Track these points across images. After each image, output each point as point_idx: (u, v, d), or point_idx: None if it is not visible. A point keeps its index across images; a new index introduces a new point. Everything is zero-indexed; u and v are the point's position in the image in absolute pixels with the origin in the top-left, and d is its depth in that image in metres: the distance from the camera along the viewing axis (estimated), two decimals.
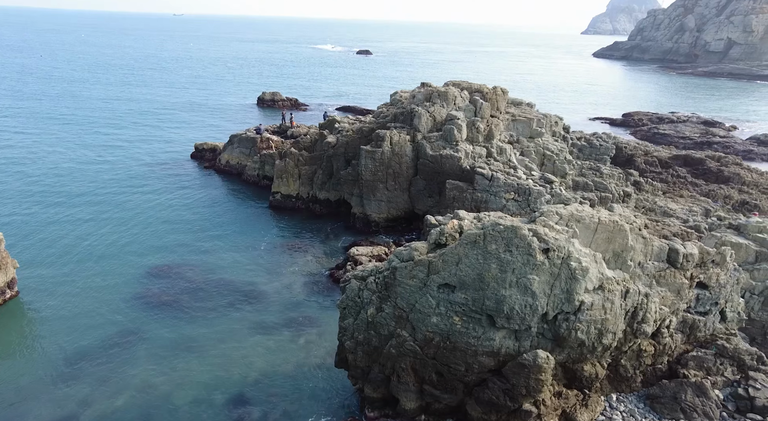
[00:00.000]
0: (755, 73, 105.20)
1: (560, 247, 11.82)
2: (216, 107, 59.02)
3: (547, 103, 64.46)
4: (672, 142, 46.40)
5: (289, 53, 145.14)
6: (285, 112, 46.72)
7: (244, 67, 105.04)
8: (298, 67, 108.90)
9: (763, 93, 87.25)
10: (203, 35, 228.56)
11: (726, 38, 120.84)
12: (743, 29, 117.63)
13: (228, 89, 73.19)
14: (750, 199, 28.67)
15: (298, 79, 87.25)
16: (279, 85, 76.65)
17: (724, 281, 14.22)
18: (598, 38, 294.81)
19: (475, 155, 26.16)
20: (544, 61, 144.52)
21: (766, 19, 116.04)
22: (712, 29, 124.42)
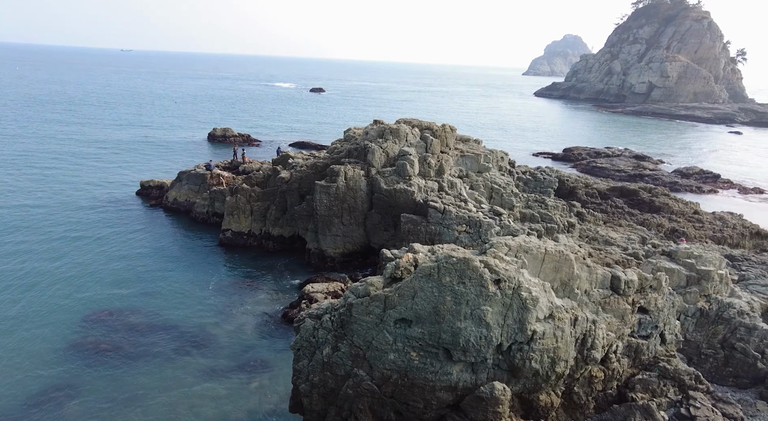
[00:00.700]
0: (674, 112, 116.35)
1: (511, 277, 12.15)
2: (163, 144, 57.35)
3: (493, 140, 67.77)
4: (609, 174, 49.78)
5: (242, 90, 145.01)
6: (237, 147, 46.14)
7: (194, 103, 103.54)
8: (250, 103, 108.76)
9: (682, 130, 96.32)
10: (152, 71, 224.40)
11: (647, 82, 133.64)
12: (661, 74, 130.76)
13: (177, 125, 71.56)
14: (678, 227, 30.98)
15: (250, 115, 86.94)
16: (231, 121, 75.96)
17: (662, 305, 15.06)
18: (537, 79, 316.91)
19: (428, 189, 26.78)
20: (489, 100, 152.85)
21: (679, 67, 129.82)
22: (636, 73, 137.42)
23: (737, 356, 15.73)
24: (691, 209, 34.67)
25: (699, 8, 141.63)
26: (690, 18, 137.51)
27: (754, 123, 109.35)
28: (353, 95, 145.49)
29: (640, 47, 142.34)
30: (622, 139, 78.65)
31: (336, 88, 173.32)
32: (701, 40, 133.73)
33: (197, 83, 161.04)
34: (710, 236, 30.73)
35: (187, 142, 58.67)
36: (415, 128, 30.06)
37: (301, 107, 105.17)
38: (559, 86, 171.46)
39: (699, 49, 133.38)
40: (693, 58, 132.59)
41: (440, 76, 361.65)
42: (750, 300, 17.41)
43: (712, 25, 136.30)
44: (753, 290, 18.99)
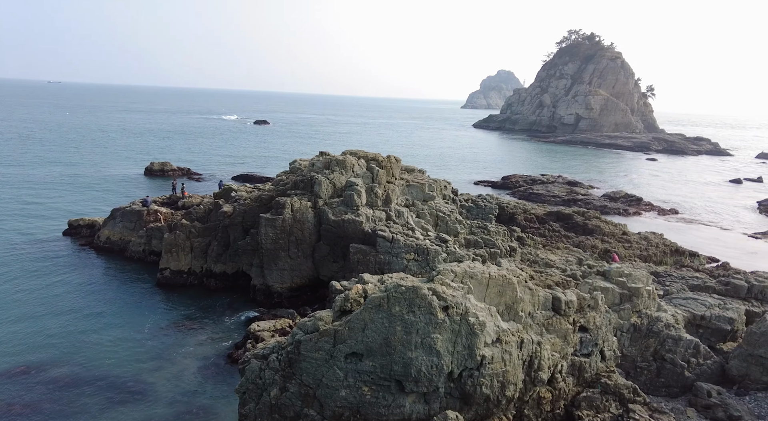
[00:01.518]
0: (599, 141, 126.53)
1: (458, 303, 12.38)
2: (95, 180, 54.00)
3: (437, 169, 70.01)
4: (545, 200, 52.69)
5: (182, 123, 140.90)
6: (176, 181, 44.36)
7: (130, 136, 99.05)
8: (191, 136, 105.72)
9: (607, 158, 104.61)
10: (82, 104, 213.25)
11: (575, 113, 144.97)
12: (586, 107, 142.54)
13: (110, 160, 67.85)
14: (610, 248, 33.14)
15: (191, 149, 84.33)
16: (170, 154, 73.24)
17: (600, 323, 15.88)
18: (475, 112, 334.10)
19: (376, 219, 27.00)
20: (431, 132, 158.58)
21: (600, 100, 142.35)
22: (564, 106, 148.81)
23: (667, 366, 16.78)
24: (620, 230, 37.29)
25: (612, 49, 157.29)
26: (606, 57, 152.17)
27: (665, 151, 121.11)
28: (298, 127, 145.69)
29: (566, 82, 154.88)
30: (555, 166, 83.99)
31: (281, 120, 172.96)
32: (617, 77, 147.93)
33: (133, 117, 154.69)
34: (638, 255, 33.10)
35: (121, 178, 55.63)
36: (362, 160, 30.51)
37: (244, 140, 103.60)
38: (496, 118, 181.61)
39: (616, 85, 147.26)
40: (611, 92, 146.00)
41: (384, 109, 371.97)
42: (674, 313, 18.78)
43: (625, 64, 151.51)
44: (676, 304, 20.52)
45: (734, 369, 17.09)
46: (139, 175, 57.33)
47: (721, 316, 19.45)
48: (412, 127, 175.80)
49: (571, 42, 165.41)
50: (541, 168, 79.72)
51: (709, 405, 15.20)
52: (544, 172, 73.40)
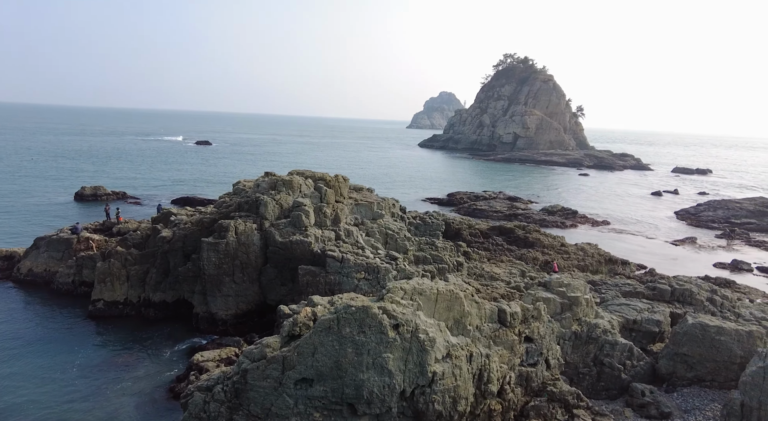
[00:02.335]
0: (536, 158, 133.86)
1: (408, 321, 12.46)
2: (16, 207, 49.58)
3: (384, 188, 70.85)
4: (488, 215, 54.66)
5: (118, 144, 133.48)
6: (109, 206, 41.71)
7: (58, 159, 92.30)
8: (127, 158, 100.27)
9: (544, 174, 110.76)
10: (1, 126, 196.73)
11: (513, 132, 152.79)
12: (522, 126, 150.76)
13: (33, 185, 62.70)
14: (550, 259, 34.83)
15: (127, 171, 79.86)
16: (104, 178, 68.93)
17: (544, 333, 16.56)
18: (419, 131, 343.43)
19: (325, 239, 26.74)
20: (378, 151, 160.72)
21: (536, 120, 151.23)
22: (502, 126, 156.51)
23: (606, 370, 17.73)
24: (558, 242, 39.32)
25: (545, 72, 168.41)
26: (539, 79, 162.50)
27: (596, 166, 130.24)
28: (242, 148, 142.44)
29: (503, 103, 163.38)
30: (496, 183, 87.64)
31: (224, 141, 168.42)
32: (550, 98, 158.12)
33: (61, 139, 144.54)
34: (575, 265, 35.01)
35: (47, 204, 51.45)
36: (309, 179, 30.29)
37: (185, 161, 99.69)
38: (439, 138, 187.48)
39: (549, 105, 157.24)
40: (545, 112, 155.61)
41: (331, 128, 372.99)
42: (610, 319, 19.96)
43: (556, 86, 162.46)
44: (611, 310, 21.85)
45: (663, 368, 18.35)
46: (68, 201, 53.32)
47: (650, 319, 20.91)
48: (360, 147, 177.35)
49: (507, 65, 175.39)
50: (484, 185, 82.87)
51: (643, 404, 16.17)
52: (486, 188, 76.28)
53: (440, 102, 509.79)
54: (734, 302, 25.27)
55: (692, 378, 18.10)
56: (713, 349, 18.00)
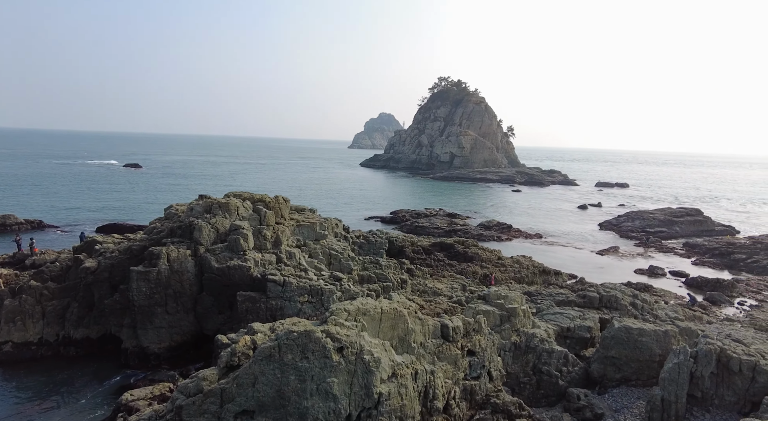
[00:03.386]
0: (472, 176, 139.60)
1: (353, 343, 12.32)
2: None
3: (327, 208, 70.42)
4: (429, 232, 55.87)
5: (33, 169, 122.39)
6: (20, 237, 37.90)
7: None
8: (44, 183, 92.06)
9: (479, 190, 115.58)
10: None
11: (449, 152, 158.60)
12: (458, 146, 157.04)
13: None
14: (488, 272, 36.10)
15: (44, 198, 73.22)
16: (14, 206, 62.67)
17: (485, 345, 17.01)
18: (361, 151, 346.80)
19: (265, 263, 25.95)
20: (320, 171, 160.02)
21: (470, 140, 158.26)
22: (439, 145, 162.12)
23: (545, 378, 18.49)
24: (495, 256, 40.93)
25: (477, 94, 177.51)
26: (472, 102, 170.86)
27: (527, 182, 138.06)
28: (175, 170, 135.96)
29: (440, 124, 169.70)
30: (436, 200, 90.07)
31: (155, 163, 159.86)
32: (482, 119, 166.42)
33: None
34: (512, 277, 36.53)
35: None
36: (247, 201, 29.42)
37: (112, 186, 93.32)
38: (381, 157, 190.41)
39: (482, 126, 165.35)
40: (479, 132, 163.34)
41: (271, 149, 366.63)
42: (546, 328, 20.95)
43: (488, 108, 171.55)
44: (547, 319, 22.95)
45: (595, 372, 19.46)
46: None
47: (582, 326, 22.18)
48: (301, 167, 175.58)
49: (442, 88, 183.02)
50: (425, 202, 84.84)
51: (579, 408, 17.00)
52: (427, 206, 78.12)
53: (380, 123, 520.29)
54: (652, 305, 27.50)
55: (620, 379, 19.31)
56: (637, 350, 19.38)
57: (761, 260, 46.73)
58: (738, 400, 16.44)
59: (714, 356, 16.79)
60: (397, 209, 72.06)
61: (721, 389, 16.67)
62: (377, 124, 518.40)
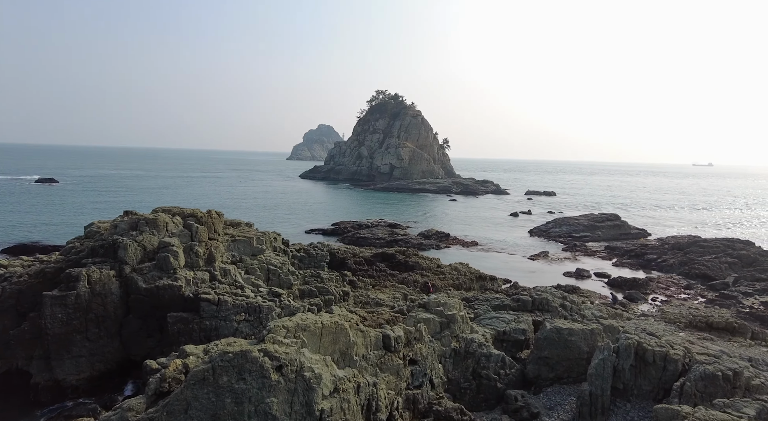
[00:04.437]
0: (411, 187, 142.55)
1: (292, 360, 11.98)
2: None
3: (266, 221, 68.52)
4: (371, 243, 56.03)
5: None
6: None
7: None
8: None
9: (418, 201, 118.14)
10: None
11: (389, 163, 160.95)
12: (397, 157, 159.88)
13: None
14: (428, 281, 36.79)
15: None
16: None
17: (426, 353, 17.25)
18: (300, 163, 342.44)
19: (198, 281, 24.66)
20: (258, 183, 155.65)
21: (409, 151, 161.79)
22: (379, 157, 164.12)
23: (484, 382, 19.05)
24: (435, 264, 41.82)
25: (414, 107, 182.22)
26: (409, 115, 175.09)
27: (463, 192, 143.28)
28: (97, 185, 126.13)
29: (379, 136, 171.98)
30: (377, 211, 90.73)
31: (73, 177, 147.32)
32: (419, 132, 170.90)
33: None
34: (451, 284, 37.49)
35: None
36: (177, 216, 27.89)
37: (21, 203, 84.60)
38: (321, 169, 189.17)
39: (419, 138, 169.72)
40: (417, 144, 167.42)
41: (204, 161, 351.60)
42: (484, 333, 21.65)
43: (425, 121, 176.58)
44: (484, 324, 23.72)
45: (530, 372, 20.35)
46: None
47: (517, 329, 23.16)
48: (237, 180, 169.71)
49: (380, 101, 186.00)
50: (366, 213, 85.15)
51: (516, 409, 17.66)
52: (368, 217, 78.44)
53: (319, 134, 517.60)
54: (580, 305, 29.36)
55: (554, 378, 20.34)
56: (567, 349, 20.54)
57: (669, 259, 51.65)
58: (653, 388, 17.90)
59: (632, 349, 18.21)
60: (339, 221, 71.67)
61: (639, 379, 18.08)
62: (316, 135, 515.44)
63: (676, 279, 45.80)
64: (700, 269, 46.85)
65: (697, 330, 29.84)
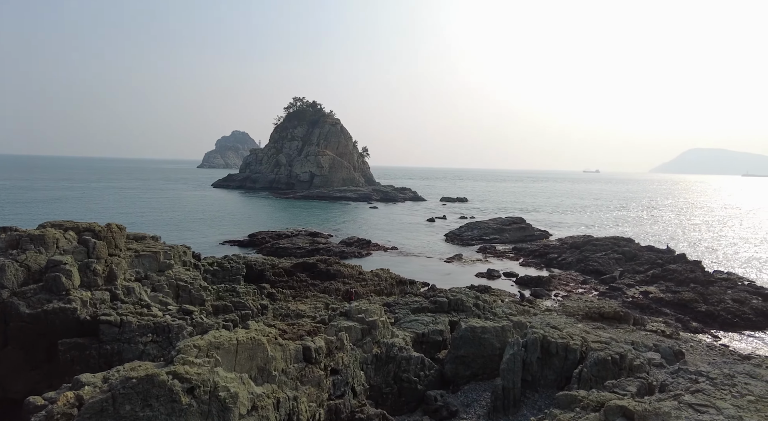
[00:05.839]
0: (332, 195, 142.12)
1: (205, 381, 11.31)
2: None
3: (175, 234, 64.13)
4: (291, 253, 54.82)
5: None
6: None
7: None
8: None
9: (340, 208, 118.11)
10: None
11: (309, 171, 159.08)
12: (317, 165, 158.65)
13: None
14: (350, 288, 36.87)
15: None
16: None
17: (348, 362, 17.23)
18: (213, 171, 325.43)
19: (96, 302, 22.33)
20: (167, 194, 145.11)
21: (329, 159, 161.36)
22: (299, 165, 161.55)
23: (405, 385, 19.49)
24: (356, 271, 42.03)
25: (332, 116, 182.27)
26: (328, 123, 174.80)
27: (383, 199, 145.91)
28: None
29: (298, 143, 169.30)
30: (297, 220, 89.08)
31: None
32: (339, 140, 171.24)
33: None
34: (373, 290, 37.92)
35: None
36: (70, 231, 25.05)
37: None
38: (236, 177, 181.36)
39: (339, 146, 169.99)
40: (336, 152, 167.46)
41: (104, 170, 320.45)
42: (404, 336, 22.18)
43: (344, 129, 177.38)
44: (405, 327, 24.32)
45: (448, 372, 21.23)
46: None
47: (435, 330, 24.05)
48: (142, 190, 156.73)
49: (298, 108, 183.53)
50: (286, 223, 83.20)
51: (436, 408, 18.30)
52: (288, 226, 76.73)
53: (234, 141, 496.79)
54: (491, 304, 31.26)
55: (470, 376, 21.40)
56: (481, 346, 21.75)
57: (567, 257, 56.98)
58: (557, 377, 19.59)
59: (539, 343, 19.78)
60: (256, 231, 69.17)
61: (545, 370, 19.68)
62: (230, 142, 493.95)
63: (574, 275, 50.63)
64: (593, 266, 52.27)
65: (591, 320, 33.21)
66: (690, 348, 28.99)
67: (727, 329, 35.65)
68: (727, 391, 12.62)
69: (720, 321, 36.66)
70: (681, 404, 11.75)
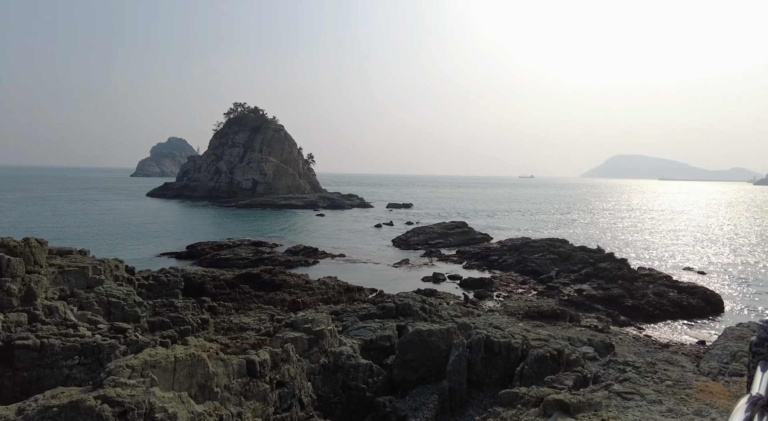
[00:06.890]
0: (276, 202, 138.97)
1: (139, 403, 10.63)
2: None
3: (106, 248, 59.92)
4: (233, 264, 52.90)
5: None
6: None
7: None
8: None
9: (285, 216, 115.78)
10: None
11: (252, 179, 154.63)
12: (260, 172, 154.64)
13: None
14: (297, 298, 36.17)
15: None
16: None
17: (295, 374, 16.88)
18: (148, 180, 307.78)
19: (11, 325, 20.30)
20: (97, 204, 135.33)
21: (272, 166, 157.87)
22: (240, 172, 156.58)
23: (354, 393, 19.38)
24: (303, 280, 41.30)
25: (275, 122, 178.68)
26: (271, 129, 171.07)
27: (330, 206, 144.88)
28: None
29: (239, 150, 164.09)
30: (240, 230, 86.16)
31: None
32: (283, 146, 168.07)
33: None
34: (320, 299, 37.42)
35: None
36: None
37: None
38: (173, 186, 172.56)
39: (283, 153, 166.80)
40: (281, 159, 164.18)
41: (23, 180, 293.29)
42: (352, 344, 22.06)
43: (288, 135, 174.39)
44: (353, 335, 24.20)
45: (396, 377, 21.37)
46: None
47: (383, 336, 24.15)
48: (66, 201, 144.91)
49: (239, 114, 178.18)
50: (227, 233, 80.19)
51: (385, 415, 18.34)
52: (230, 236, 74.00)
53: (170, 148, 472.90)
54: (437, 307, 31.89)
55: (417, 379, 21.65)
56: (428, 350, 22.10)
57: (507, 259, 59.45)
58: (500, 376, 20.31)
59: (482, 343, 20.43)
60: (195, 242, 66.08)
61: (489, 369, 20.34)
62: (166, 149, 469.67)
63: (514, 276, 52.87)
64: (531, 266, 54.90)
65: (531, 319, 34.82)
66: (619, 340, 31.20)
67: (650, 321, 38.79)
68: (649, 378, 13.72)
69: (644, 314, 39.80)
70: (611, 394, 12.61)
